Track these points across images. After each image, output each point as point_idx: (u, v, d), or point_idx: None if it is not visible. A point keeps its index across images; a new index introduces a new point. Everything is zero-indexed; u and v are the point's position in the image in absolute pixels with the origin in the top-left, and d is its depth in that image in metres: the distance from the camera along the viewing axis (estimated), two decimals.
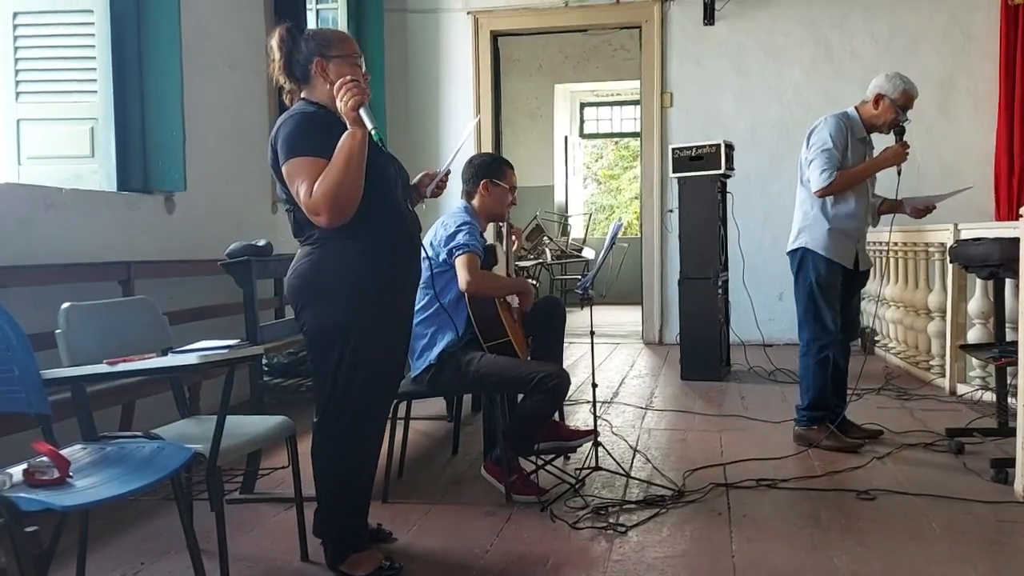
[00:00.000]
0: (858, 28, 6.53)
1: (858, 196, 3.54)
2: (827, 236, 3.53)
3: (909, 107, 3.55)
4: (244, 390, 3.40)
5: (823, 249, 3.53)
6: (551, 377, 2.87)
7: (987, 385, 4.35)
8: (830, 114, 3.58)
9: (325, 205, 2.07)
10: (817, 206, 3.55)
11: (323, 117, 2.20)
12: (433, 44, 7.17)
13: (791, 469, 3.25)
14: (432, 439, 3.94)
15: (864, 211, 3.58)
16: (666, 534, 2.63)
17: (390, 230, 2.24)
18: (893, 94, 3.52)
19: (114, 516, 2.80)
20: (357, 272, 2.18)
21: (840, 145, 3.49)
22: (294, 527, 2.53)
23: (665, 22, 6.79)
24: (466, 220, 3.04)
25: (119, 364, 2.13)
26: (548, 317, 3.34)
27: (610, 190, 14.77)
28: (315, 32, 2.30)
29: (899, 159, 3.53)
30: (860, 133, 3.58)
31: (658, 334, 6.96)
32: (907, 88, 3.52)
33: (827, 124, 3.54)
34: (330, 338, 2.21)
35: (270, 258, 3.52)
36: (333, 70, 2.21)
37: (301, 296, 2.25)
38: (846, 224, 3.53)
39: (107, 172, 3.89)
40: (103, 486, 1.83)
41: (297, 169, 2.11)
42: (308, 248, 2.24)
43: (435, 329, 2.98)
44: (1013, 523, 2.66)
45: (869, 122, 3.58)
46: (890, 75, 3.56)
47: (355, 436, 2.28)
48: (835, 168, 3.45)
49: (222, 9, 4.74)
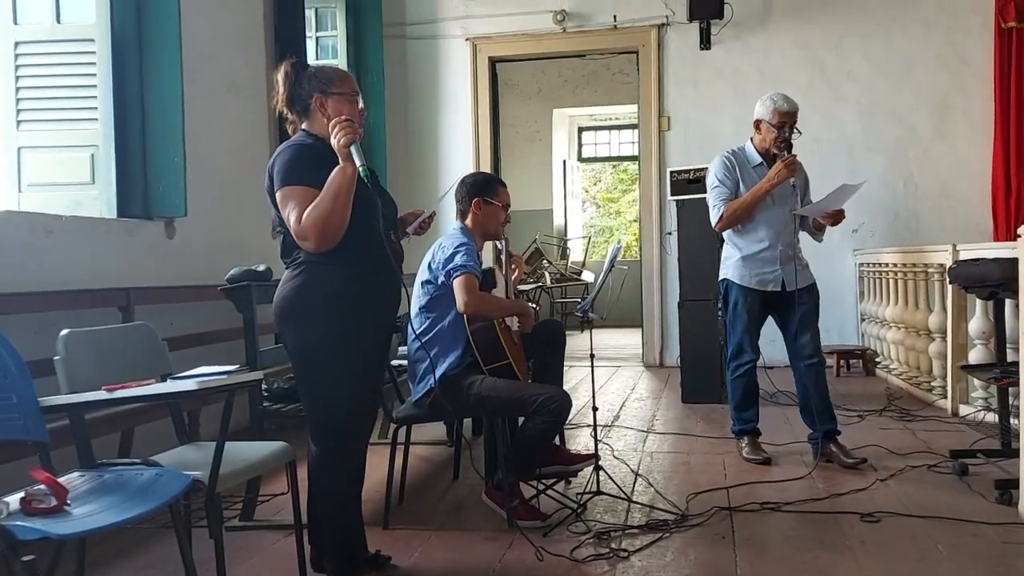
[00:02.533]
0: (854, 50, 6.58)
1: (766, 221, 3.67)
2: (740, 265, 3.71)
3: (789, 122, 3.62)
4: (244, 415, 3.39)
5: (737, 277, 3.72)
6: (553, 399, 2.86)
7: (989, 406, 4.33)
8: (719, 154, 3.79)
9: (313, 232, 2.19)
10: (730, 239, 3.78)
11: (319, 149, 2.30)
12: (432, 70, 7.23)
13: (795, 492, 3.22)
14: (432, 464, 3.91)
15: (777, 234, 3.66)
16: (670, 559, 2.60)
17: (370, 258, 2.33)
18: (765, 116, 3.66)
19: (112, 544, 2.77)
20: (337, 293, 2.28)
21: (728, 181, 3.69)
22: (294, 554, 2.50)
23: (662, 47, 6.85)
24: (463, 241, 3.03)
25: (118, 391, 2.12)
26: (548, 340, 3.33)
27: (609, 213, 14.82)
28: (318, 70, 2.40)
29: (783, 175, 3.56)
30: (754, 162, 3.72)
31: (658, 357, 6.95)
32: (776, 106, 3.62)
33: (712, 165, 3.78)
34: (311, 358, 2.31)
35: (270, 283, 3.52)
36: (331, 106, 2.34)
37: (284, 316, 2.34)
38: (756, 250, 3.68)
39: (107, 199, 3.90)
40: (101, 514, 1.81)
41: (289, 196, 2.24)
42: (292, 271, 2.35)
43: (436, 352, 2.96)
44: (1019, 544, 2.63)
45: (760, 148, 3.72)
46: (763, 98, 3.69)
47: (341, 455, 2.36)
48: (723, 203, 3.66)
49: (223, 36, 4.79)
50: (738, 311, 3.74)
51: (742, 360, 3.76)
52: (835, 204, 3.65)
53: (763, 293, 3.70)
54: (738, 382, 3.80)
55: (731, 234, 3.78)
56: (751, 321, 3.73)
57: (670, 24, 6.80)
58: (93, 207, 3.88)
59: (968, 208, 6.46)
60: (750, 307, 3.72)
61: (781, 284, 3.68)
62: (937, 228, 6.31)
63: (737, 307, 3.74)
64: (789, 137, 3.65)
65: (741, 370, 3.77)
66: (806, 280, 3.73)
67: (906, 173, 6.50)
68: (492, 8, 7.04)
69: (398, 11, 7.12)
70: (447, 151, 7.19)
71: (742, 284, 3.72)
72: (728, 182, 3.71)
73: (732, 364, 3.82)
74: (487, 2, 7.06)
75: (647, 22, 6.84)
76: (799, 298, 3.65)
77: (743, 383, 3.79)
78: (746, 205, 3.65)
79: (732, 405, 3.87)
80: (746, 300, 3.72)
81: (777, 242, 3.68)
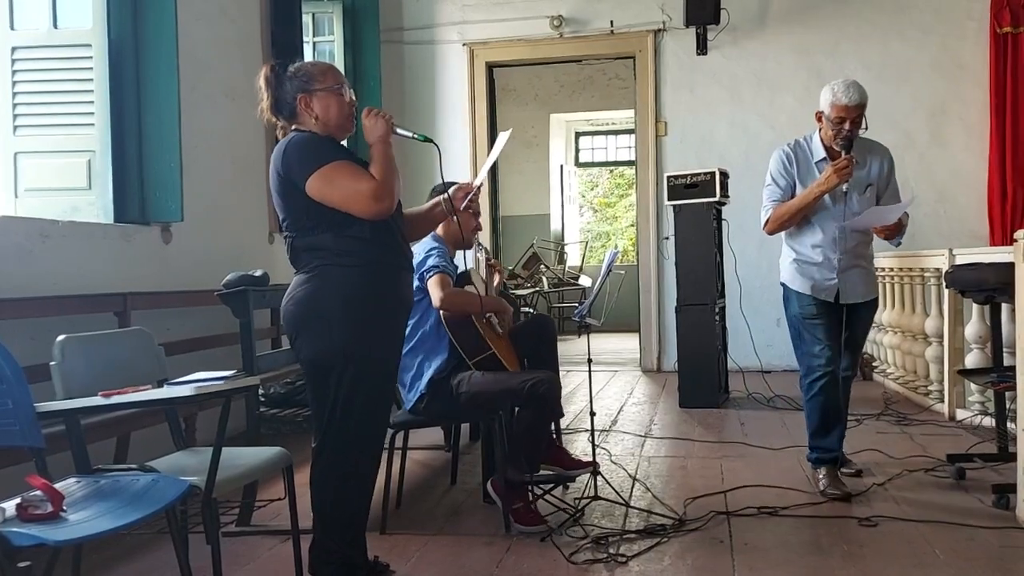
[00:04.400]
0: (850, 56, 6.60)
1: (822, 224, 3.27)
2: (793, 268, 3.36)
3: (849, 117, 3.15)
4: (240, 421, 3.38)
5: (790, 281, 3.38)
6: (540, 383, 2.88)
7: (986, 410, 4.34)
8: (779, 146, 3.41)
9: (386, 191, 2.19)
10: (786, 239, 3.42)
11: (324, 137, 2.28)
12: (429, 75, 7.24)
13: (792, 496, 3.22)
14: (430, 469, 3.91)
15: (833, 240, 3.24)
16: (667, 563, 2.60)
17: (386, 257, 2.28)
18: (825, 108, 3.23)
19: (108, 550, 2.76)
20: (354, 298, 2.22)
21: (782, 179, 3.30)
22: (291, 560, 2.50)
23: (659, 52, 6.87)
24: (434, 246, 3.11)
25: (114, 396, 2.11)
26: (538, 335, 3.39)
27: (606, 218, 14.83)
28: (297, 68, 2.33)
29: (832, 181, 3.13)
30: (817, 156, 3.30)
31: (656, 361, 6.95)
32: (834, 98, 3.17)
33: (771, 159, 3.39)
34: (328, 364, 2.23)
35: (267, 288, 3.52)
36: (317, 103, 2.29)
37: (297, 323, 2.26)
38: (810, 255, 3.30)
39: (104, 204, 3.90)
40: (97, 520, 1.81)
41: (337, 171, 2.18)
42: (304, 275, 2.27)
43: (422, 358, 3.01)
44: (1016, 548, 2.63)
45: (826, 142, 3.30)
46: (826, 86, 3.25)
47: (355, 462, 2.29)
48: (773, 205, 3.30)
49: (220, 41, 4.79)
50: (801, 319, 3.30)
51: (814, 375, 3.25)
52: (881, 220, 3.21)
53: (817, 300, 3.29)
54: (814, 402, 3.27)
55: (791, 235, 3.38)
56: (817, 327, 3.26)
57: (667, 29, 6.82)
58: (90, 212, 3.87)
59: (964, 213, 6.48)
60: (811, 312, 3.28)
61: (836, 294, 3.28)
62: (933, 233, 6.31)
63: (799, 315, 3.31)
64: (851, 134, 3.16)
65: (816, 387, 3.25)
66: (867, 293, 3.33)
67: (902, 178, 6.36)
68: (489, 14, 7.05)
69: (395, 17, 7.13)
70: (444, 156, 7.15)
71: (795, 289, 3.34)
72: (782, 180, 3.30)
73: (804, 382, 3.30)
74: (484, 8, 7.07)
75: (644, 27, 6.85)
76: (856, 312, 3.30)
77: (820, 403, 3.26)
78: (794, 210, 3.24)
79: (808, 430, 3.34)
80: (808, 305, 3.29)
81: (834, 248, 3.24)
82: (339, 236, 2.21)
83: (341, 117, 2.31)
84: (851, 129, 3.16)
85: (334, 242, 2.22)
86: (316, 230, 2.23)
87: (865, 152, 3.30)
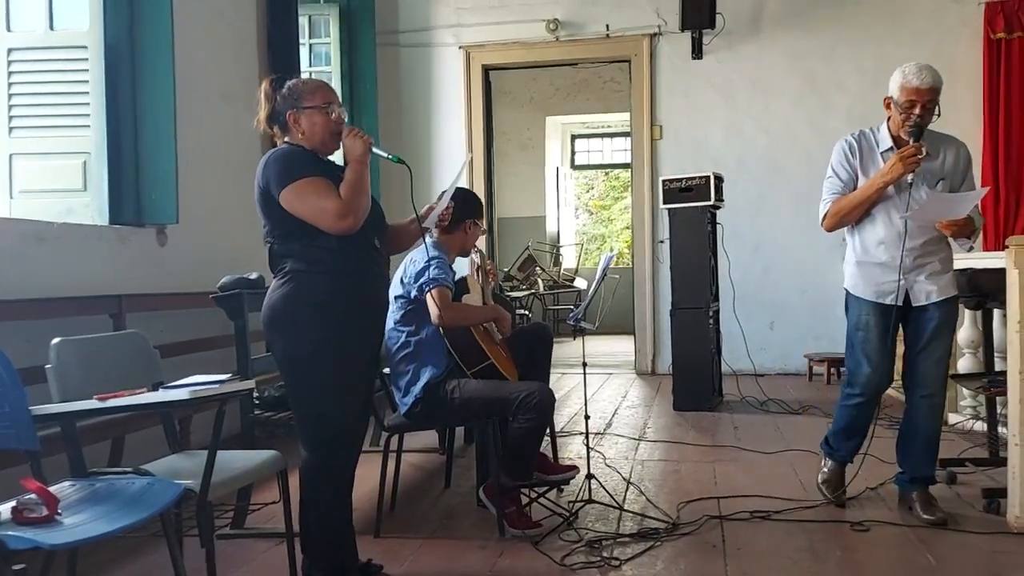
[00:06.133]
0: (844, 60, 6.62)
1: (886, 219, 2.99)
2: (855, 271, 3.09)
3: (921, 101, 2.90)
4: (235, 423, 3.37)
5: (851, 286, 3.11)
6: (533, 395, 2.89)
7: (978, 415, 4.36)
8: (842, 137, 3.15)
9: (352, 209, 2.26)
10: (848, 238, 3.13)
11: (307, 153, 2.39)
12: (425, 78, 7.25)
13: (786, 501, 3.23)
14: (424, 472, 3.91)
15: (899, 235, 2.93)
16: (660, 568, 2.61)
17: (355, 265, 2.37)
18: (894, 93, 2.98)
19: (103, 553, 2.76)
20: (322, 303, 2.31)
21: (844, 171, 3.04)
22: (285, 562, 2.50)
23: (654, 56, 6.89)
24: (435, 255, 3.04)
25: (110, 400, 2.12)
26: (535, 340, 3.39)
27: (601, 220, 14.84)
28: (292, 85, 2.43)
29: (896, 171, 2.86)
30: (884, 146, 3.03)
31: (650, 364, 6.96)
32: (904, 80, 2.94)
33: (833, 151, 3.12)
34: (302, 366, 2.33)
35: (262, 291, 3.49)
36: (304, 120, 2.39)
37: (272, 325, 2.36)
38: (876, 254, 3.01)
39: (99, 206, 3.90)
40: (92, 523, 1.81)
41: (307, 188, 2.27)
42: (280, 281, 2.37)
43: (417, 364, 3.01)
44: (1008, 553, 2.65)
45: (894, 131, 3.03)
46: (896, 70, 3.01)
47: (334, 458, 2.39)
48: (833, 198, 3.04)
49: (216, 43, 4.79)
50: (855, 328, 3.09)
51: (853, 389, 3.12)
52: (948, 212, 2.89)
53: (885, 306, 3.01)
54: (843, 412, 3.18)
55: (853, 234, 3.10)
56: (869, 341, 3.04)
57: (662, 34, 6.84)
58: (85, 214, 3.87)
59: None
60: (868, 322, 3.04)
61: (905, 297, 2.99)
62: None
63: (855, 323, 3.09)
64: (921, 121, 2.92)
65: (851, 401, 3.12)
66: (941, 292, 2.99)
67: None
68: (485, 17, 7.06)
69: (391, 19, 7.14)
70: (440, 158, 7.19)
71: (855, 294, 3.08)
72: (843, 172, 3.04)
73: (844, 390, 3.20)
74: (480, 11, 7.08)
75: (639, 31, 6.87)
76: (927, 317, 2.99)
77: (847, 415, 3.16)
78: (855, 203, 2.97)
79: (831, 428, 3.29)
80: (865, 315, 3.04)
81: (899, 244, 2.93)
82: (308, 245, 2.32)
83: (325, 135, 2.40)
84: (922, 115, 2.91)
85: (304, 251, 2.32)
86: (289, 238, 2.33)
87: (937, 143, 3.06)
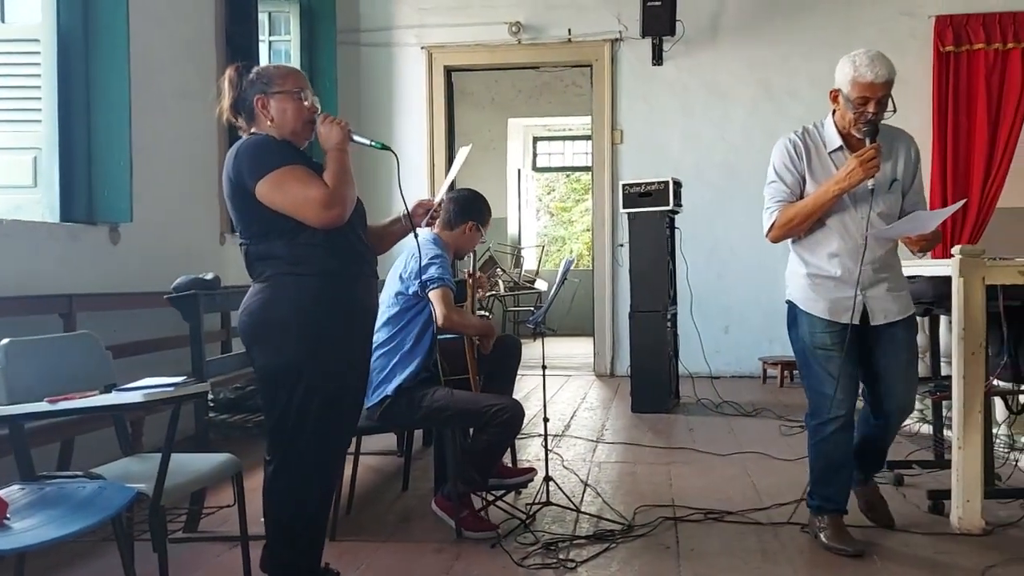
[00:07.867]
0: (798, 69, 6.74)
1: (841, 229, 2.69)
2: (806, 283, 2.75)
3: (872, 97, 2.59)
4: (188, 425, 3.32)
5: (800, 300, 2.77)
6: (505, 410, 2.89)
7: (925, 418, 4.48)
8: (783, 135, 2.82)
9: (340, 199, 2.15)
10: (795, 248, 2.82)
11: (279, 141, 2.25)
12: (386, 78, 7.22)
13: (738, 502, 3.29)
14: (381, 474, 3.90)
15: (856, 247, 2.66)
16: (615, 569, 2.64)
17: (343, 265, 2.24)
18: (843, 86, 2.66)
19: (52, 557, 2.71)
20: (308, 308, 2.17)
21: (789, 174, 2.72)
22: (239, 566, 2.48)
23: (615, 61, 6.95)
24: (438, 252, 3.03)
25: (61, 402, 2.08)
26: (504, 353, 3.35)
27: (562, 222, 14.92)
28: (260, 70, 2.32)
29: (856, 176, 2.56)
30: (832, 145, 2.73)
31: (609, 366, 7.03)
32: (855, 75, 2.61)
33: (773, 151, 2.80)
34: (282, 377, 2.18)
35: (217, 291, 3.47)
36: (274, 106, 2.26)
37: (252, 334, 2.22)
38: (828, 267, 2.71)
39: (50, 202, 3.81)
40: (41, 528, 1.78)
41: (287, 177, 2.14)
42: (260, 285, 2.22)
43: (395, 363, 2.98)
44: (949, 554, 2.73)
45: (841, 126, 2.73)
46: (844, 58, 2.69)
47: (310, 474, 2.24)
48: (778, 206, 2.72)
49: (173, 39, 4.71)
50: (809, 347, 2.74)
51: (822, 418, 2.71)
52: (920, 227, 2.68)
53: (840, 324, 2.68)
54: (819, 449, 2.75)
55: (800, 243, 2.78)
56: (831, 360, 2.68)
57: (623, 39, 6.91)
58: (35, 211, 3.78)
59: None
60: (827, 341, 2.70)
61: (862, 314, 2.70)
62: None
63: (809, 344, 2.74)
64: (876, 118, 2.62)
65: (823, 432, 2.71)
66: (902, 310, 2.74)
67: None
68: (447, 18, 7.06)
69: (352, 18, 7.10)
70: (401, 158, 7.14)
71: (807, 311, 2.74)
72: (788, 176, 2.71)
73: (810, 423, 2.78)
74: (442, 12, 7.08)
75: (600, 37, 6.93)
76: (891, 336, 2.72)
77: (824, 452, 2.74)
78: (806, 212, 2.66)
79: (810, 475, 2.83)
80: (820, 332, 2.71)
81: (856, 257, 2.64)
82: (291, 243, 2.16)
83: (297, 122, 2.27)
84: (876, 112, 2.61)
85: (287, 250, 2.17)
86: (268, 237, 2.18)
87: (889, 139, 2.73)
